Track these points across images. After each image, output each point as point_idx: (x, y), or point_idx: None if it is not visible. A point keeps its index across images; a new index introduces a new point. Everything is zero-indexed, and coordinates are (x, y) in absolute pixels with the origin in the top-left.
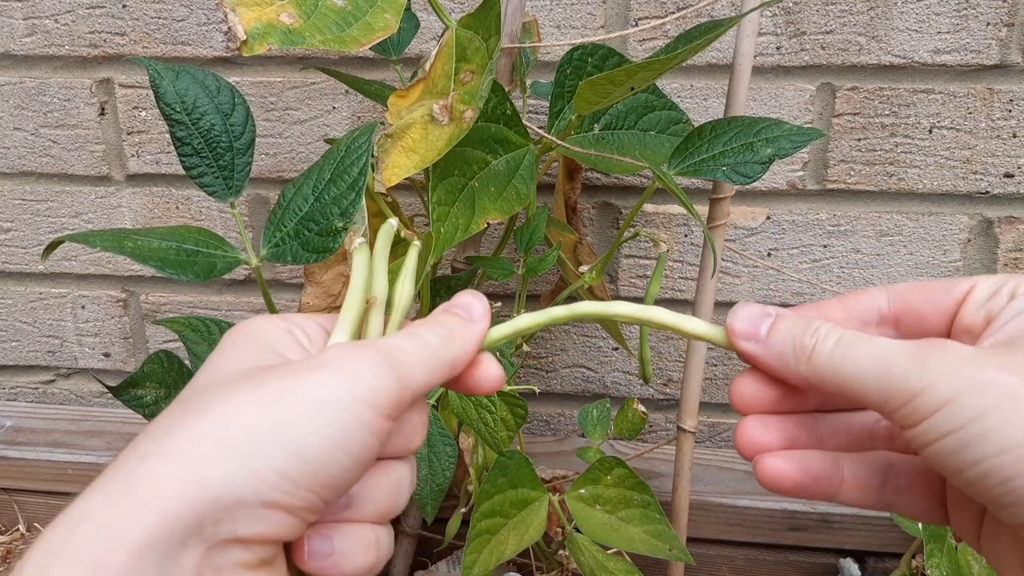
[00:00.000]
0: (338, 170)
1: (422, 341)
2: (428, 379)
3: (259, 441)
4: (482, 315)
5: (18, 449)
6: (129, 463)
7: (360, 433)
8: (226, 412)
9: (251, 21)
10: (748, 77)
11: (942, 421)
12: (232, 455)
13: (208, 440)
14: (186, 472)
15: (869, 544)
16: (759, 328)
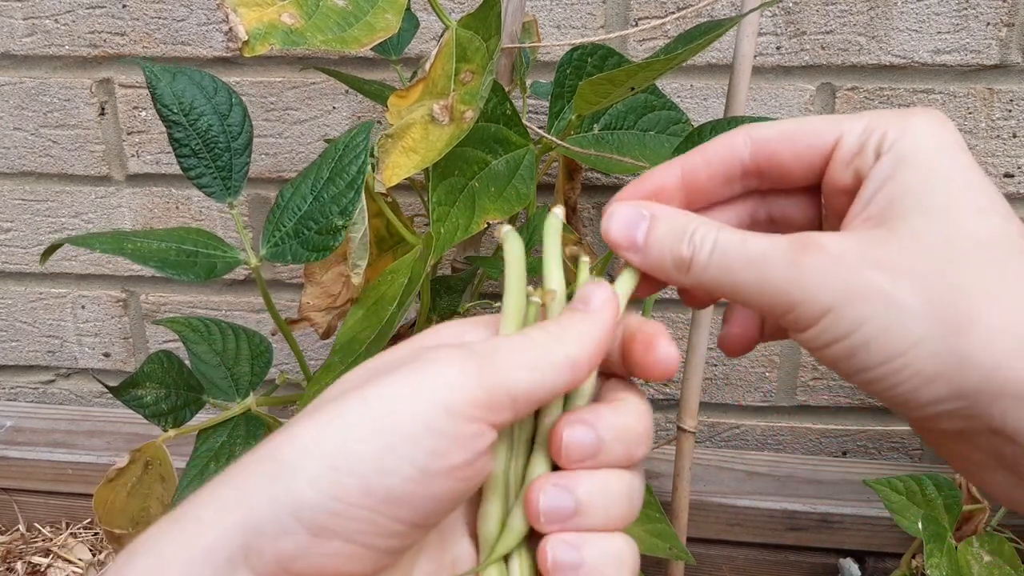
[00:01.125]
0: (336, 169)
1: (526, 339)
2: (532, 380)
3: (301, 457)
4: (602, 304)
5: (18, 449)
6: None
7: (426, 438)
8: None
9: (252, 21)
10: (748, 77)
11: (825, 331)
12: (278, 476)
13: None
14: (237, 499)
15: (869, 544)
16: (636, 234)
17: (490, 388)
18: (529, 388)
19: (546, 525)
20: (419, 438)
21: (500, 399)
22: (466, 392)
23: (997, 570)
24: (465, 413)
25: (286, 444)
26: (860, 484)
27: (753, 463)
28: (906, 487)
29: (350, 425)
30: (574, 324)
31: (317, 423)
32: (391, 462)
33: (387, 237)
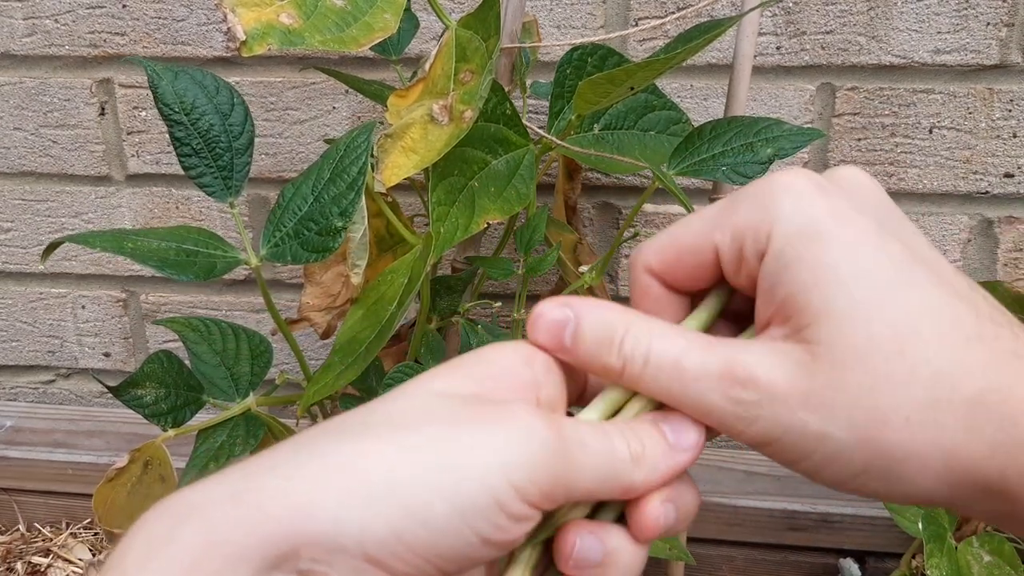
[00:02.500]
0: (337, 169)
1: (609, 448)
2: (591, 489)
3: (383, 492)
4: (692, 446)
5: (18, 449)
6: (259, 467)
7: (493, 513)
8: (364, 449)
9: (251, 21)
10: (748, 77)
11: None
12: (350, 498)
13: (334, 473)
14: (298, 499)
15: (869, 544)
16: (563, 336)
17: (557, 486)
18: (584, 495)
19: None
20: (487, 511)
21: (560, 494)
22: (538, 480)
23: (997, 570)
24: (530, 500)
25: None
26: None
27: (753, 463)
28: None
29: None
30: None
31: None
32: (458, 526)
33: (387, 237)
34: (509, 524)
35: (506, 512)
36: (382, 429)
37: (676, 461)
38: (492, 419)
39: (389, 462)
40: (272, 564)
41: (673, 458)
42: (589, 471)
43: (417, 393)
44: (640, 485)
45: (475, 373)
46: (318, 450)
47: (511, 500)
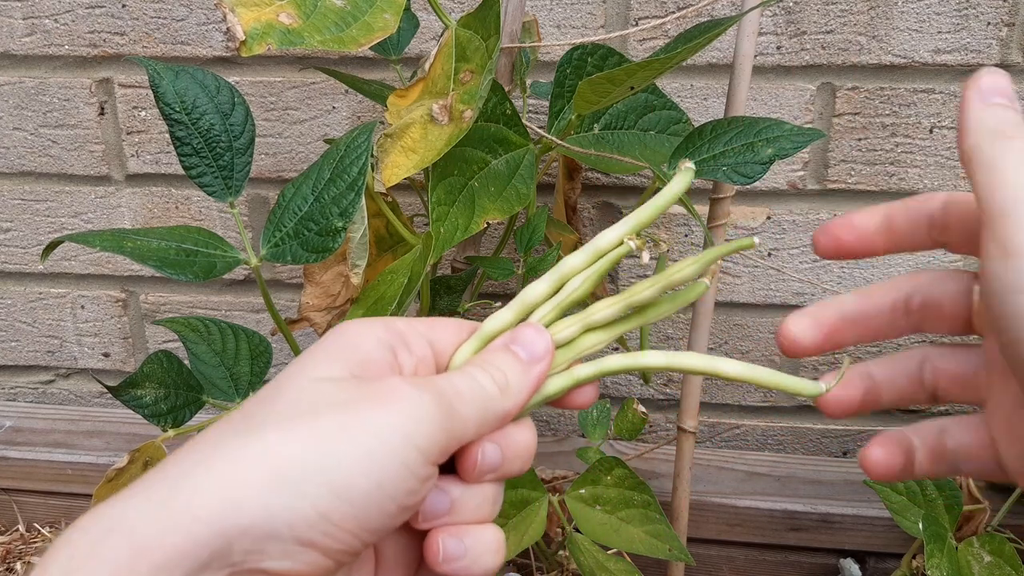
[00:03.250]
0: (337, 170)
1: (480, 391)
2: (476, 431)
3: (305, 477)
4: (543, 354)
5: (17, 449)
6: (172, 474)
7: (406, 478)
8: (279, 439)
9: (250, 21)
10: (748, 77)
11: None
12: (275, 487)
13: (254, 466)
14: (224, 495)
15: (870, 544)
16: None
17: (450, 439)
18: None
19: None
20: (401, 478)
21: (454, 444)
22: (436, 439)
23: (998, 571)
24: (432, 458)
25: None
26: (861, 484)
27: (753, 463)
28: (907, 487)
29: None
30: (516, 375)
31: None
32: (379, 498)
33: (387, 237)
34: (418, 486)
35: (416, 475)
36: (286, 419)
37: (535, 373)
38: (380, 396)
39: (304, 448)
40: (204, 564)
41: (531, 372)
42: (471, 415)
43: (302, 382)
44: (512, 409)
45: (346, 358)
46: (231, 446)
47: (419, 464)
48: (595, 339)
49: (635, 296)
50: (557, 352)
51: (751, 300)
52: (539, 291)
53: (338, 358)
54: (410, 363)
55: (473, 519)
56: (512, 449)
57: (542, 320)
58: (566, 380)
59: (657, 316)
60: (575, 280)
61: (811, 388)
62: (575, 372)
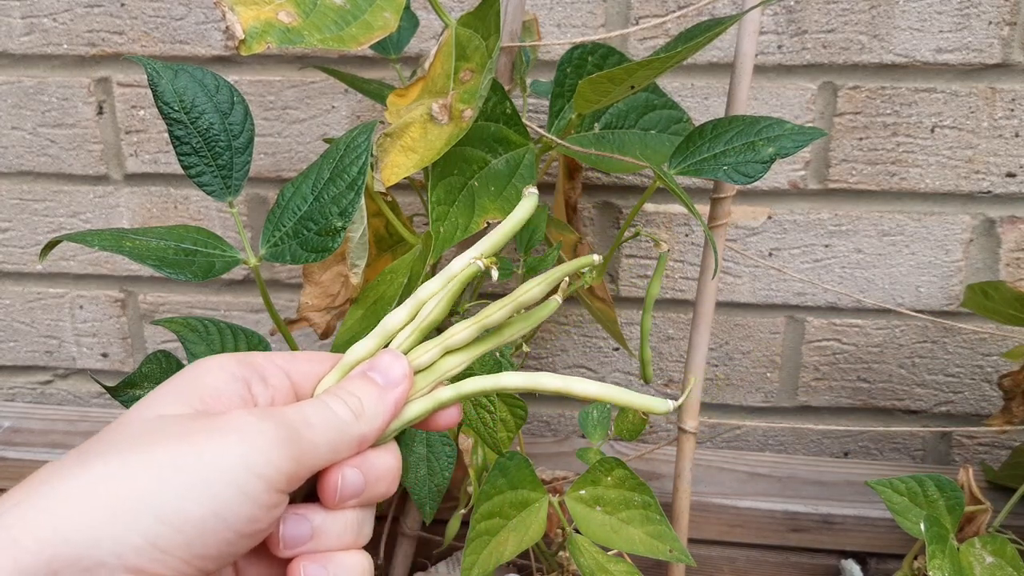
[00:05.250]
0: (337, 169)
1: (331, 416)
2: (330, 457)
3: (132, 505)
4: (400, 379)
5: (16, 450)
6: (7, 505)
7: (247, 506)
8: (108, 471)
9: (249, 20)
10: (749, 76)
11: None
12: (101, 516)
13: (82, 497)
14: (51, 526)
15: (871, 545)
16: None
17: (300, 466)
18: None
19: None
20: (240, 506)
21: (303, 471)
22: (282, 468)
23: (999, 571)
24: (278, 487)
25: (114, 488)
26: (862, 485)
27: (754, 464)
28: (908, 488)
29: (180, 488)
30: (372, 403)
31: (145, 472)
32: (214, 526)
33: (386, 237)
34: (261, 514)
35: (258, 503)
36: (119, 451)
37: (392, 398)
38: (217, 427)
39: (136, 477)
40: None
41: (389, 396)
42: (321, 442)
43: (143, 418)
44: (369, 433)
45: (191, 394)
46: (63, 477)
47: (261, 491)
48: (455, 361)
49: (488, 318)
50: (419, 376)
51: (752, 300)
52: (398, 318)
53: (183, 394)
54: (265, 395)
55: (337, 546)
56: (374, 473)
57: (401, 346)
58: (429, 403)
59: (512, 335)
60: (430, 304)
61: (660, 405)
62: (437, 395)
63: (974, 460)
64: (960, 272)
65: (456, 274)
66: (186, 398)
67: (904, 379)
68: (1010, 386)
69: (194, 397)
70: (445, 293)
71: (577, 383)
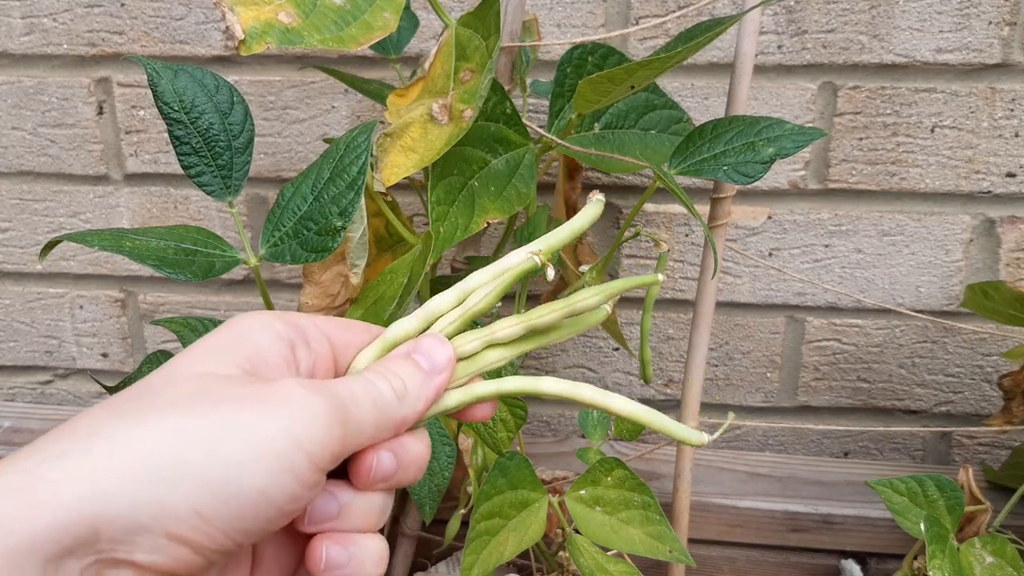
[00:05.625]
0: (337, 169)
1: (378, 396)
2: (372, 438)
3: (181, 471)
4: (444, 365)
5: (16, 450)
6: (42, 455)
7: (291, 484)
8: (159, 430)
9: (249, 20)
10: (749, 76)
11: None
12: (148, 478)
13: (129, 454)
14: (94, 484)
15: (871, 545)
16: None
17: (345, 445)
18: (367, 444)
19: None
20: (286, 483)
21: (347, 450)
22: (329, 446)
23: (999, 572)
24: (322, 464)
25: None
26: (862, 485)
27: (754, 464)
28: (908, 488)
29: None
30: (415, 386)
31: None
32: (258, 500)
33: (386, 237)
34: (303, 492)
35: (301, 481)
36: (169, 409)
37: (435, 384)
38: (270, 398)
39: (184, 440)
40: (67, 551)
41: (432, 382)
42: (367, 422)
43: (193, 374)
44: (409, 417)
45: (238, 352)
46: (107, 431)
47: (306, 469)
48: (497, 355)
49: (538, 319)
50: (459, 365)
51: (752, 300)
52: (445, 301)
53: (229, 353)
54: (308, 360)
55: (360, 527)
56: (406, 458)
57: (445, 331)
58: (465, 395)
59: (558, 338)
60: (479, 292)
61: (694, 437)
62: (474, 389)
63: (974, 460)
64: (960, 272)
65: (511, 267)
66: (232, 356)
67: (904, 379)
68: (1010, 386)
69: (240, 356)
70: (496, 284)
71: (616, 399)
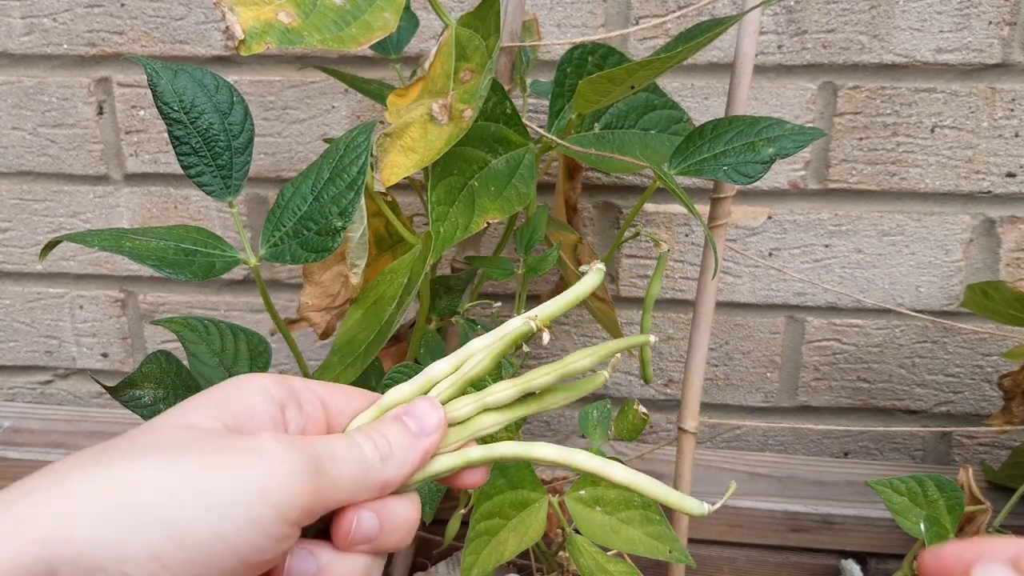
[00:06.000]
0: (337, 169)
1: (359, 455)
2: (350, 497)
3: (141, 514)
4: (434, 428)
5: (16, 450)
6: (15, 494)
7: (255, 535)
8: (125, 475)
9: (249, 20)
10: (749, 76)
11: None
12: (109, 520)
13: (93, 496)
14: (57, 523)
15: (871, 545)
16: None
17: (317, 502)
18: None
19: None
20: (249, 534)
21: (320, 507)
22: (298, 500)
23: None
24: (292, 519)
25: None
26: (862, 485)
27: (754, 464)
28: (908, 488)
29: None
30: (401, 450)
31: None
32: (219, 549)
33: (386, 237)
34: (269, 545)
35: (267, 533)
36: (143, 455)
37: (422, 447)
38: (244, 449)
39: (150, 486)
40: None
41: (419, 445)
42: (344, 480)
43: (174, 425)
44: (394, 479)
45: (225, 409)
46: (77, 474)
47: (273, 522)
48: (491, 420)
49: (532, 381)
50: (452, 430)
51: (752, 300)
52: (443, 368)
53: (215, 408)
54: (298, 421)
55: None
56: (391, 522)
57: (441, 396)
58: (457, 460)
59: (553, 404)
60: (476, 356)
61: (695, 507)
62: (467, 453)
63: (974, 460)
64: (960, 272)
65: (508, 332)
66: (218, 412)
67: (904, 379)
68: (1010, 386)
69: (226, 413)
70: (492, 349)
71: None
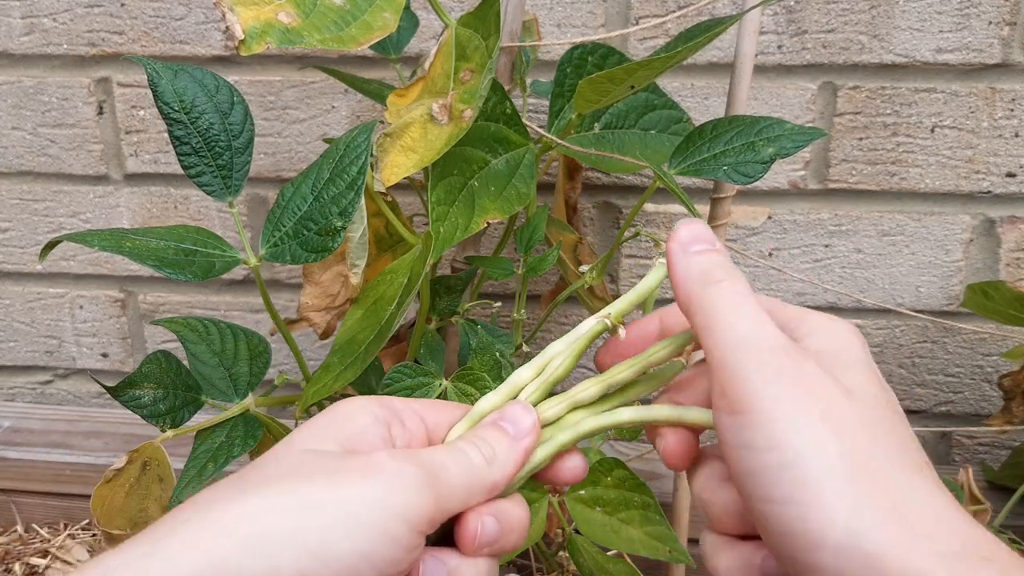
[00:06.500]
0: (337, 169)
1: (467, 462)
2: (465, 502)
3: (284, 540)
4: (529, 429)
5: (16, 450)
6: (162, 530)
7: (389, 547)
8: (264, 503)
9: (249, 20)
10: (749, 76)
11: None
12: (254, 548)
13: (238, 526)
14: (207, 554)
15: None
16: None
17: (439, 510)
18: (461, 509)
19: None
20: (385, 548)
21: (441, 514)
22: (423, 510)
23: None
24: (419, 528)
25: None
26: None
27: None
28: None
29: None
30: (503, 451)
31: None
32: (358, 564)
33: (386, 237)
34: (403, 555)
35: (400, 545)
36: (270, 484)
37: (522, 447)
38: (363, 468)
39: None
40: None
41: (519, 445)
42: (458, 486)
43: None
44: (500, 480)
45: (338, 432)
46: (216, 509)
47: (404, 533)
48: (579, 416)
49: (615, 377)
50: (545, 430)
51: None
52: (525, 375)
53: (330, 432)
54: (403, 437)
55: None
56: (508, 523)
57: (528, 399)
58: (550, 447)
59: (636, 395)
60: (556, 360)
61: None
62: (556, 438)
63: (974, 460)
64: (960, 272)
65: (583, 333)
66: (335, 435)
67: (904, 379)
68: (1010, 386)
69: (341, 435)
70: (570, 351)
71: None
